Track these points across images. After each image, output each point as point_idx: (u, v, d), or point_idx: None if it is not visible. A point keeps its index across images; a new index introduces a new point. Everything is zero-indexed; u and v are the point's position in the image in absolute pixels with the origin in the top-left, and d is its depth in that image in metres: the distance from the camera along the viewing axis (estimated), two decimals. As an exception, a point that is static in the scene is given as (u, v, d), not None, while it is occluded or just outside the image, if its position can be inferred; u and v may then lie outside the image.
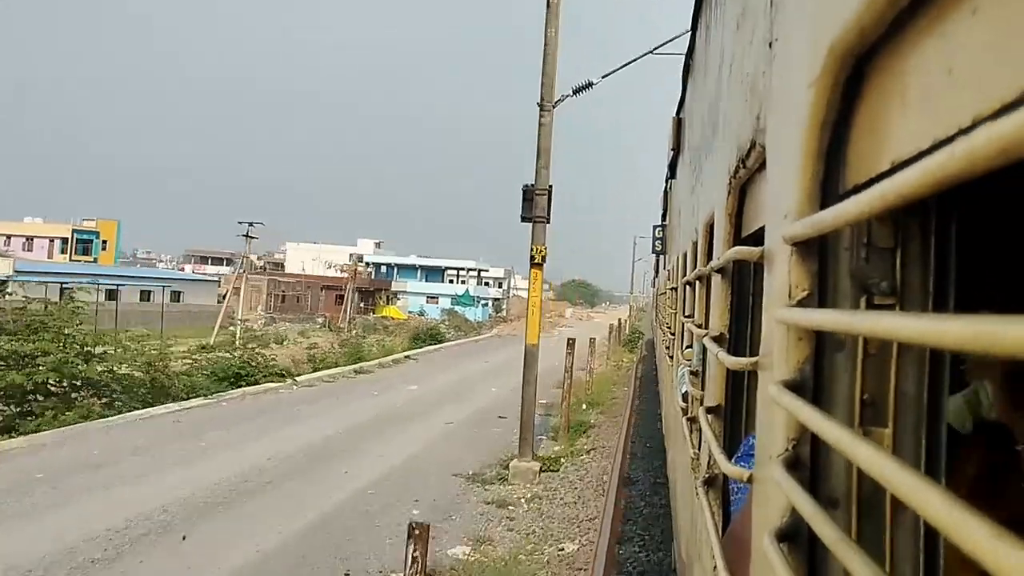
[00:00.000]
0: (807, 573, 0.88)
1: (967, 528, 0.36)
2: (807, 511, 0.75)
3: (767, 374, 1.09)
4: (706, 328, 2.54)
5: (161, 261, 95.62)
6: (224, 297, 59.74)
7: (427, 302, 70.61)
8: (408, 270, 78.37)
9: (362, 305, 66.53)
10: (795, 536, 0.89)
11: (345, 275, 70.56)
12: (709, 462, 2.19)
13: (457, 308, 66.38)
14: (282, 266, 79.78)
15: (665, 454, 9.28)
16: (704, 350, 2.59)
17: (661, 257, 17.69)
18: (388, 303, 69.58)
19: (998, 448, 1.41)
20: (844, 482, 0.83)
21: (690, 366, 3.28)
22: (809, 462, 0.89)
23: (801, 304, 0.89)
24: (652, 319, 33.91)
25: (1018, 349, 0.32)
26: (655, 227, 20.46)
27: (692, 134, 4.85)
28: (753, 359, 1.39)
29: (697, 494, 2.26)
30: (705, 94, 3.58)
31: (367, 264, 77.36)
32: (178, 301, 55.12)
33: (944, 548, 0.77)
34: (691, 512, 3.08)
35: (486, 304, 77.03)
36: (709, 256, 2.73)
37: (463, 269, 79.83)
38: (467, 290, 73.87)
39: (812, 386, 0.88)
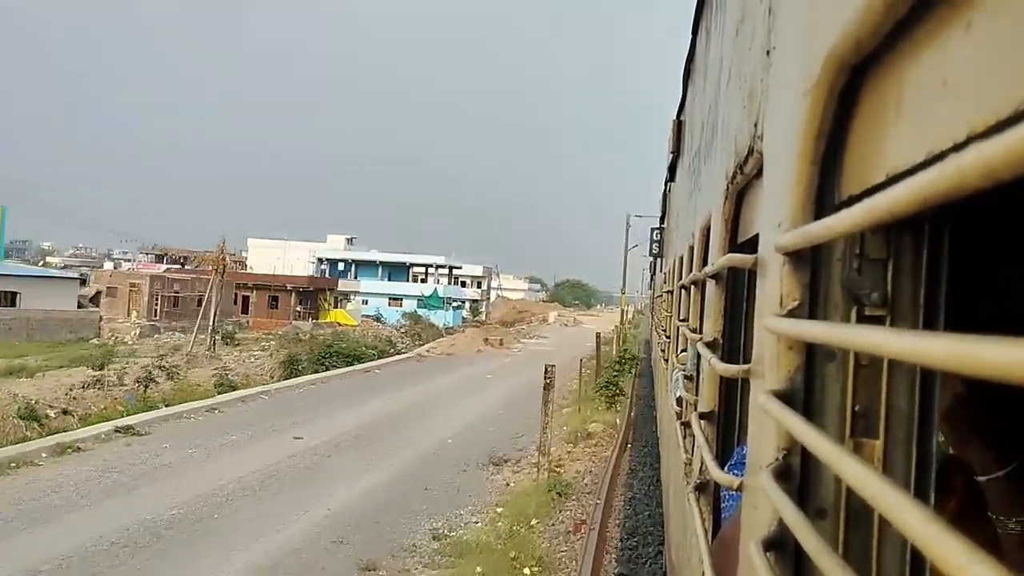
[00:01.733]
0: None
1: (943, 546, 0.36)
2: (793, 521, 0.75)
3: (758, 382, 1.09)
4: (700, 333, 2.54)
5: (130, 260, 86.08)
6: (91, 300, 47.15)
7: (390, 304, 59.57)
8: (368, 267, 66.01)
9: (299, 309, 55.49)
10: (782, 546, 0.89)
11: (276, 273, 57.25)
12: (701, 468, 2.19)
13: (423, 311, 55.68)
14: (244, 264, 69.01)
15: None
16: (698, 355, 2.59)
17: (659, 260, 17.71)
18: (337, 305, 58.24)
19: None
20: (832, 493, 0.83)
21: (684, 370, 3.28)
22: (799, 472, 0.88)
23: (792, 314, 0.89)
24: (650, 326, 23.50)
25: (998, 372, 0.31)
26: (653, 229, 20.49)
27: (691, 138, 4.85)
28: (745, 367, 1.38)
29: (688, 499, 2.26)
30: (704, 98, 3.58)
31: (320, 260, 65.76)
32: (13, 304, 40.12)
33: (931, 561, 0.76)
34: (682, 516, 3.08)
35: (459, 306, 66.31)
36: (705, 261, 2.73)
37: (431, 266, 67.00)
38: (435, 290, 61.97)
39: (803, 396, 0.88)
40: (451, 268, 69.44)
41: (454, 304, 63.94)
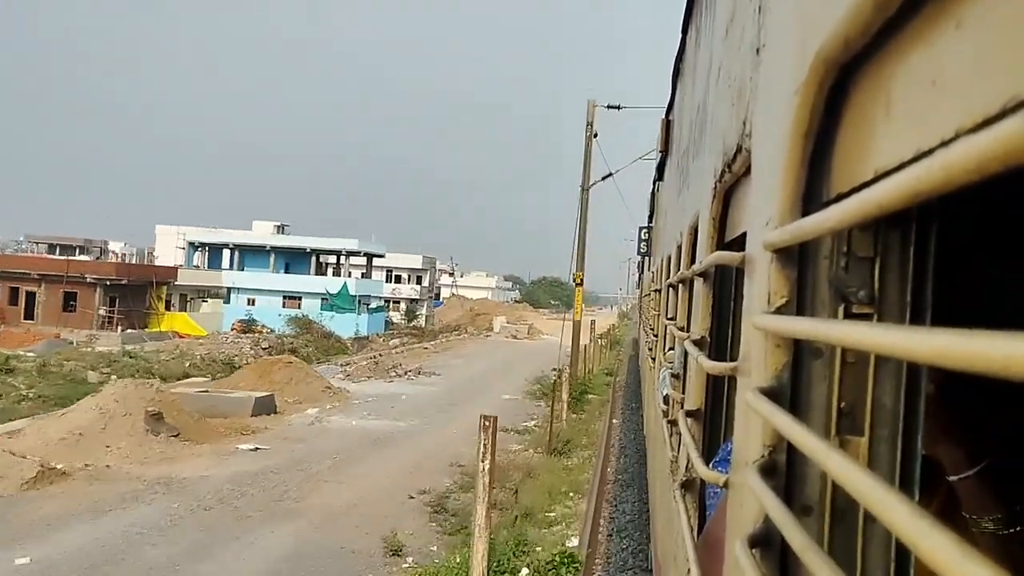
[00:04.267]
0: None
1: (932, 543, 0.36)
2: (779, 518, 0.75)
3: (745, 380, 1.09)
4: (687, 331, 2.55)
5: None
6: None
7: (285, 304, 43.82)
8: (257, 254, 47.58)
9: (104, 311, 37.93)
10: (767, 542, 0.89)
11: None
12: (687, 465, 2.20)
13: (328, 313, 41.75)
14: (152, 256, 55.39)
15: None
16: (685, 353, 2.60)
17: (647, 259, 17.76)
18: (184, 307, 42.40)
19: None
20: (818, 490, 0.83)
21: (671, 369, 3.29)
22: (784, 469, 0.89)
23: (779, 311, 0.89)
24: (641, 344, 16.09)
25: (986, 366, 0.32)
26: (641, 228, 20.56)
27: (680, 137, 4.87)
28: (732, 364, 1.39)
29: (674, 497, 2.27)
30: (694, 97, 3.59)
31: (192, 245, 48.63)
32: None
33: (915, 557, 0.77)
34: (668, 514, 3.09)
35: (380, 308, 50.15)
36: (693, 260, 2.74)
37: (341, 253, 48.62)
38: (344, 285, 45.35)
39: (789, 393, 0.88)
40: (370, 256, 50.89)
41: (371, 306, 48.33)
